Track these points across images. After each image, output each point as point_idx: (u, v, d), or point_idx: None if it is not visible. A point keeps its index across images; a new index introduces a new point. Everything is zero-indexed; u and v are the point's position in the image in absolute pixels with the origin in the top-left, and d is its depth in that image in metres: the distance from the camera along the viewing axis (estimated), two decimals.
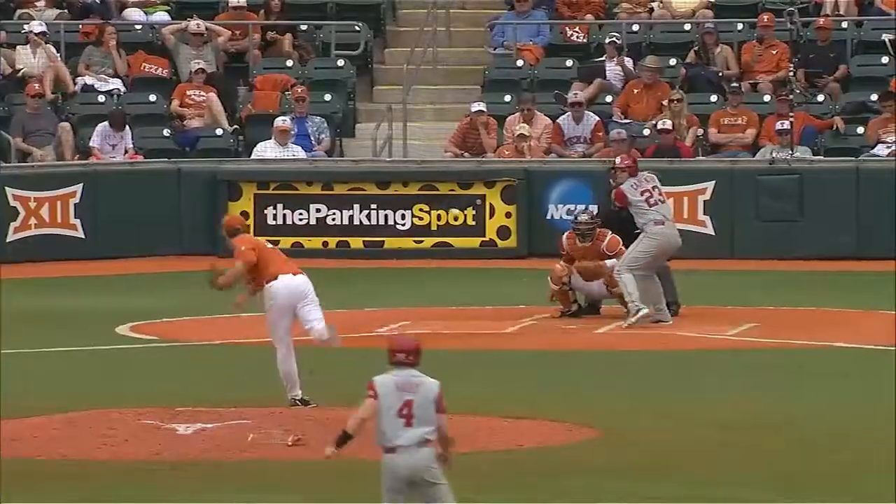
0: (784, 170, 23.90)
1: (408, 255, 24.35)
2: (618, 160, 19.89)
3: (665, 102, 24.39)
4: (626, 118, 24.99)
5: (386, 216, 23.70)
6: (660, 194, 19.37)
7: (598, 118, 24.15)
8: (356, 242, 24.29)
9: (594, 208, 22.86)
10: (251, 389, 16.87)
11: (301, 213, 22.22)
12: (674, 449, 14.91)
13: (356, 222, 23.99)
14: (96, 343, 17.96)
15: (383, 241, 23.46)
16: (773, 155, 24.33)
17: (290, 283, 15.20)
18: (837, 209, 23.44)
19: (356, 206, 23.72)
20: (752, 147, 24.82)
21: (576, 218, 21.39)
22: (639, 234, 20.20)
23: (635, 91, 25.32)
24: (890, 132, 25.47)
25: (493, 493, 13.04)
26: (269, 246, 15.87)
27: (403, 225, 24.90)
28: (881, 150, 24.04)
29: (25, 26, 25.72)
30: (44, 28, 25.37)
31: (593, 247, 20.34)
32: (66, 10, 27.41)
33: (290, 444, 14.02)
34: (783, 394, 17.47)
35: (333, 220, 24.12)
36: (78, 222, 23.53)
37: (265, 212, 23.45)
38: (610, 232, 20.79)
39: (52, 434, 15.35)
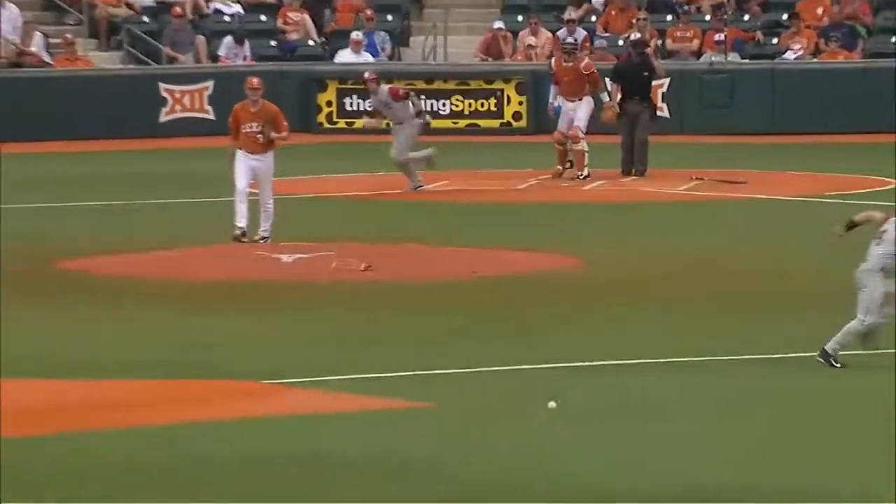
0: (720, 70, 25.31)
1: (447, 133, 25.43)
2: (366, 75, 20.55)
3: (634, 21, 25.74)
4: (606, 32, 26.32)
5: (431, 104, 25.28)
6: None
7: (585, 32, 25.59)
8: None
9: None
10: (338, 231, 17.82)
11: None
12: (642, 274, 16.09)
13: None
14: (222, 196, 18.22)
15: (429, 122, 23.10)
16: (712, 59, 25.75)
17: None
18: (758, 99, 24.92)
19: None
20: (696, 53, 26.26)
21: (563, 40, 23.78)
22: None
23: (612, 13, 26.90)
24: (796, 42, 25.63)
25: (490, 315, 13.80)
26: None
27: (444, 110, 26.52)
28: (790, 55, 25.30)
29: None
30: None
31: (574, 67, 21.63)
32: None
33: (362, 269, 15.04)
34: (725, 234, 18.34)
35: None
36: (210, 108, 25.33)
37: (344, 101, 25.57)
38: (587, 57, 22.72)
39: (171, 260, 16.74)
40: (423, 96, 24.58)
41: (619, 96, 21.36)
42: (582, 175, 20.70)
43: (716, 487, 8.65)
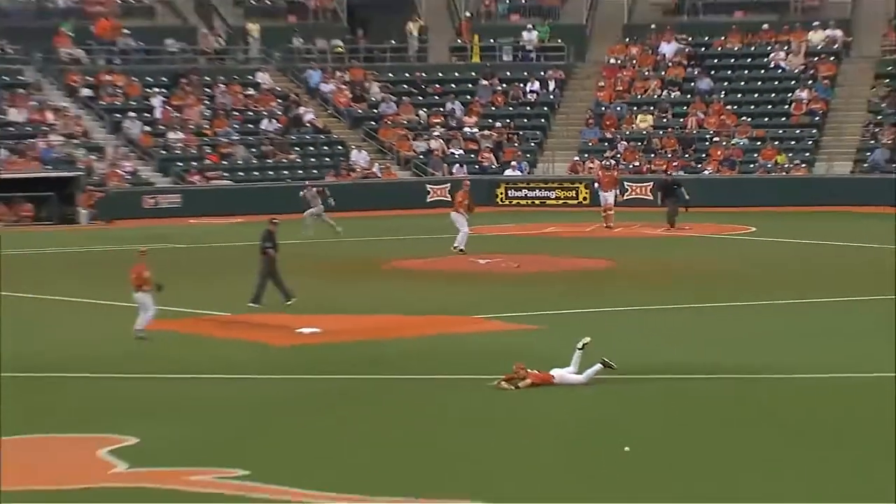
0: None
1: (555, 206, 48.81)
2: None
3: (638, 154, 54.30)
4: (624, 161, 51.41)
5: (548, 193, 49.87)
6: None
7: (613, 162, 51.56)
8: None
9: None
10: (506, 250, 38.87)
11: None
12: (644, 269, 34.05)
13: None
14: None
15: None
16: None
17: None
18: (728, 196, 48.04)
19: None
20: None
21: (603, 161, 44.26)
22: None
23: (627, 152, 51.39)
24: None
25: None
26: None
27: (552, 196, 49.42)
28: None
29: None
30: None
31: (610, 174, 41.11)
32: None
33: (516, 266, 32.28)
34: (684, 249, 38.92)
35: None
36: (448, 195, 49.83)
37: (509, 192, 49.87)
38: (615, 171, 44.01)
39: None
40: (540, 190, 50.72)
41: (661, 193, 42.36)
42: (609, 226, 40.75)
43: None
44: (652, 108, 54.23)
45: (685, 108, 54.40)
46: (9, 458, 16.64)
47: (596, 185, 43.87)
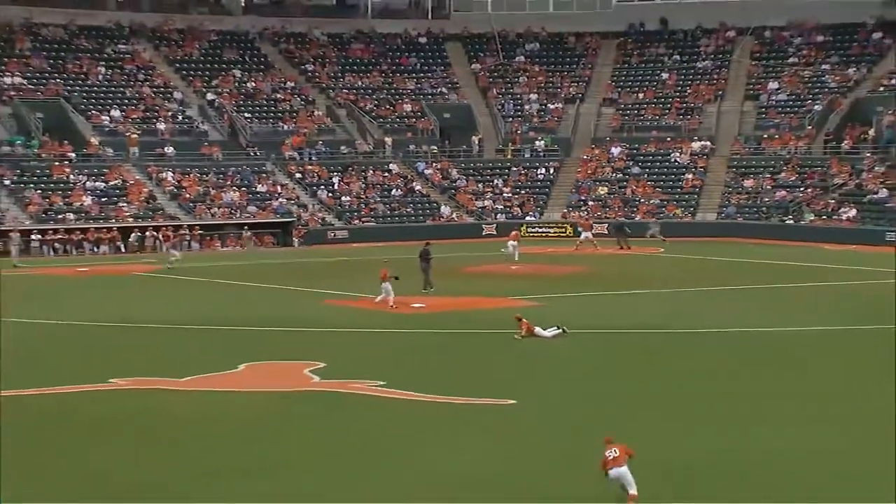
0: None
1: (553, 235, 62.90)
2: None
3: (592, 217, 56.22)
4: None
5: (546, 231, 68.61)
6: None
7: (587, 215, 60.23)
8: None
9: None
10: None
11: None
12: (607, 274, 40.40)
13: None
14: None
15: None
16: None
17: None
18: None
19: None
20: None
21: (584, 216, 57.69)
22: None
23: (595, 211, 62.43)
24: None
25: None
26: None
27: (551, 232, 65.33)
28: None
29: None
30: None
31: (588, 222, 53.85)
32: None
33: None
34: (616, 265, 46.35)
35: None
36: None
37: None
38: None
39: None
40: (547, 227, 66.81)
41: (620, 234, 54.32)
42: (595, 247, 50.09)
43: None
44: (607, 183, 70.32)
45: (626, 183, 70.12)
46: (253, 374, 22.21)
47: (579, 227, 58.62)
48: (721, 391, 21.96)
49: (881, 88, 69.76)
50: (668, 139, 72.92)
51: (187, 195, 64.49)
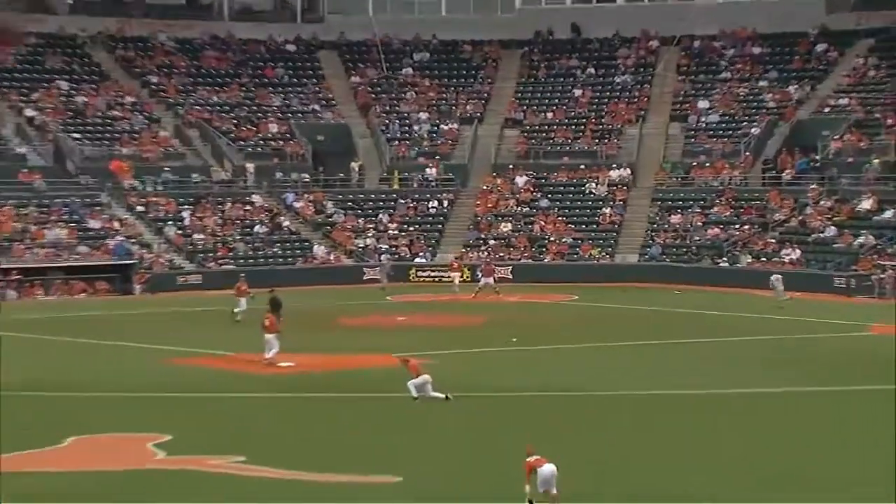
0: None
1: (449, 285, 64.58)
2: None
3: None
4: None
5: (442, 276, 66.99)
6: None
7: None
8: None
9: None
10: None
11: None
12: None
13: None
14: None
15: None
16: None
17: None
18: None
19: None
20: None
21: (486, 259, 59.85)
22: None
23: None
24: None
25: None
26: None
27: (448, 278, 65.57)
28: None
29: None
30: None
31: (490, 267, 55.87)
32: None
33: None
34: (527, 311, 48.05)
35: None
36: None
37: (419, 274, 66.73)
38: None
39: None
40: (438, 271, 64.73)
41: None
42: (498, 293, 52.19)
43: None
44: (510, 218, 70.52)
45: (532, 218, 70.40)
46: (82, 449, 22.48)
47: (479, 273, 58.60)
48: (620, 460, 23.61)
49: (826, 109, 71.89)
50: (582, 167, 74.02)
51: (2, 233, 64.21)
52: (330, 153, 76.17)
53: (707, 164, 72.72)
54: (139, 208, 69.81)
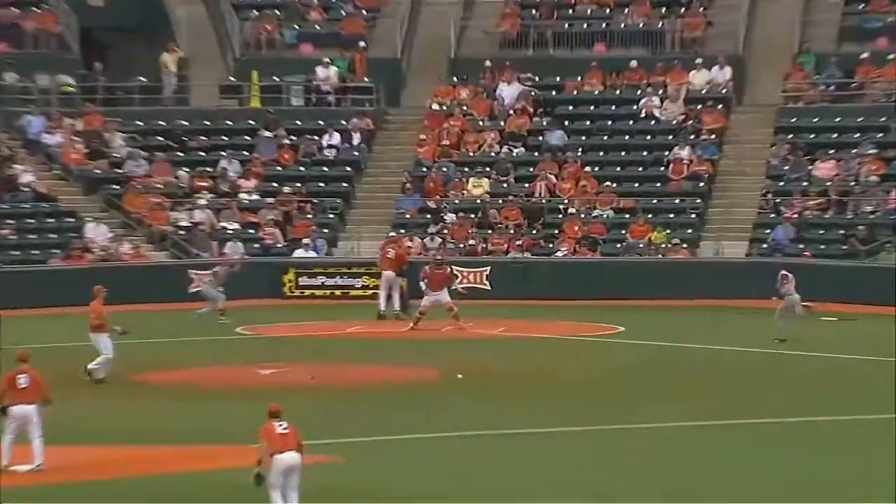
0: (518, 262, 49.63)
1: (360, 297, 47.36)
2: None
3: (469, 232, 51.25)
4: (454, 239, 51.42)
5: (352, 282, 48.74)
6: None
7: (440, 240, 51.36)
8: None
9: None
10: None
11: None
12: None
13: None
14: None
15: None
16: (514, 256, 50.68)
17: None
18: (538, 279, 47.86)
19: None
20: (505, 252, 49.69)
21: (435, 257, 43.24)
22: None
23: (456, 227, 51.23)
24: (563, 246, 52.83)
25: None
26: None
27: (357, 285, 47.97)
28: (558, 254, 49.95)
29: None
30: None
31: (442, 272, 41.30)
32: None
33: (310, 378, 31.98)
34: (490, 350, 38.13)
35: None
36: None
37: (299, 279, 48.22)
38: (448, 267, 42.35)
39: None
40: (341, 276, 49.69)
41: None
42: (460, 326, 41.02)
43: None
44: (488, 168, 54.61)
45: (531, 169, 54.87)
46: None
47: (423, 283, 43.35)
48: None
49: None
50: (633, 65, 60.53)
51: None
52: (118, 33, 62.28)
53: (891, 57, 57.57)
54: None
